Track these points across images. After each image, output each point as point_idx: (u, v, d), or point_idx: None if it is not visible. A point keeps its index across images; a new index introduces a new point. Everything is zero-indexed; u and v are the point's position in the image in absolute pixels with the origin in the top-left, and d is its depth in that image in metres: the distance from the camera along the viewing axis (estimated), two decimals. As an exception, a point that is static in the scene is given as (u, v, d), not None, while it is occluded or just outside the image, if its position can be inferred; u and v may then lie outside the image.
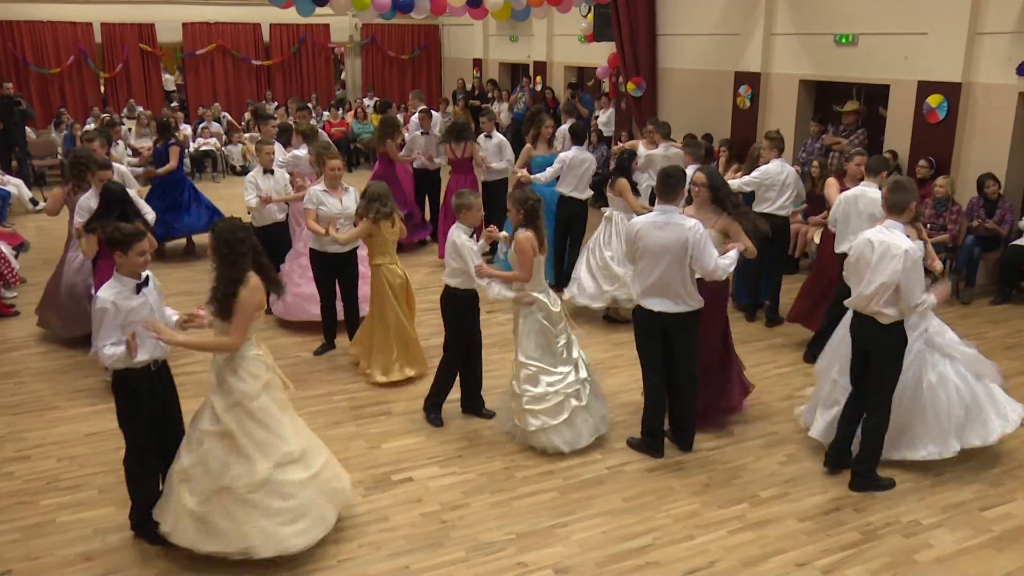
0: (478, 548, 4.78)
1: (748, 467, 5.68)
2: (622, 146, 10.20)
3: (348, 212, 7.11)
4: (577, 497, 5.30)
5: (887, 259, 4.93)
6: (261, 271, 4.59)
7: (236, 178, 16.50)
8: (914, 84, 9.84)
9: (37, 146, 15.64)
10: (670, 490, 5.39)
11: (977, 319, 8.60)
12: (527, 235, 5.74)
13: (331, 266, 7.24)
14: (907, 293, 4.91)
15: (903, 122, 10.05)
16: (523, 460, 5.74)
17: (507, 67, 19.49)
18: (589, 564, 4.64)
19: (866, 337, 5.17)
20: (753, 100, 12.13)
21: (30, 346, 7.83)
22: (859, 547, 4.79)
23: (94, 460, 5.69)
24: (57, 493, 5.32)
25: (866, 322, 5.14)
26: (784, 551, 4.75)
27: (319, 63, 20.44)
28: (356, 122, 17.97)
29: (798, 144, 11.49)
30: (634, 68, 13.78)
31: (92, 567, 4.59)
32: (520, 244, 5.73)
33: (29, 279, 9.56)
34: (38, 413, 6.47)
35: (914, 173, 9.56)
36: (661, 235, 5.36)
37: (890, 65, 10.18)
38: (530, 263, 5.73)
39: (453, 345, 6.16)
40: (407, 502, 5.24)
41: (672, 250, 5.32)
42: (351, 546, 4.78)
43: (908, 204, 5.08)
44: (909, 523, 5.02)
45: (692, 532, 4.93)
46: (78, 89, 17.97)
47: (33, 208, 13.43)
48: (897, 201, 5.07)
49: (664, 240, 5.34)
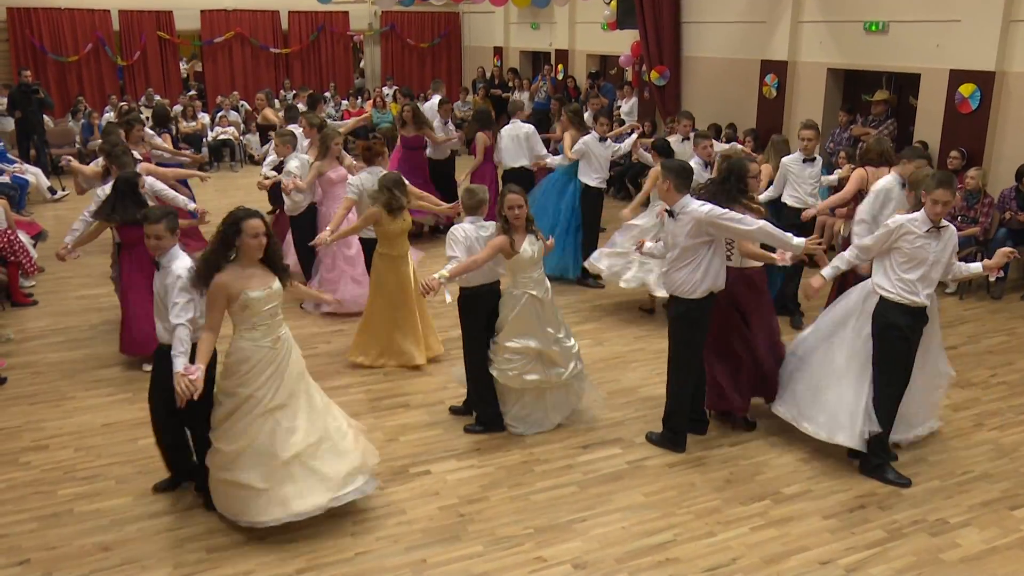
0: (496, 542, 4.80)
1: (771, 463, 5.66)
2: (639, 140, 10.02)
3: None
4: (596, 492, 5.30)
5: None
6: (265, 260, 4.72)
7: (254, 167, 16.57)
8: (946, 73, 9.73)
9: (55, 135, 15.80)
10: (691, 486, 5.38)
11: (1007, 314, 8.51)
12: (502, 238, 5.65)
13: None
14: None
15: (934, 112, 9.94)
16: (542, 454, 5.75)
17: (528, 55, 19.44)
18: (608, 560, 4.64)
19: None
20: (779, 89, 12.03)
21: (47, 336, 7.93)
22: (884, 546, 4.76)
23: (111, 450, 5.76)
24: (74, 483, 5.39)
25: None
26: (807, 549, 4.73)
27: (338, 51, 20.49)
28: (375, 111, 17.99)
29: (825, 135, 11.39)
30: (658, 56, 13.71)
31: (109, 557, 4.65)
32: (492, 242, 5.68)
33: (47, 268, 9.67)
34: (55, 403, 6.55)
35: (945, 164, 9.47)
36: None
37: (921, 53, 10.07)
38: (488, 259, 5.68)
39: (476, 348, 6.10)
40: (425, 495, 5.26)
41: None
42: (368, 539, 4.81)
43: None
44: (936, 522, 4.99)
45: (713, 528, 4.93)
46: (96, 77, 18.11)
47: (51, 197, 13.57)
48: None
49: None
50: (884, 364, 5.30)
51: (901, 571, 4.55)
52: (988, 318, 8.40)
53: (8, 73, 17.13)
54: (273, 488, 4.63)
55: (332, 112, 17.96)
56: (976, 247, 9.02)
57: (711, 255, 5.40)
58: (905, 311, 5.16)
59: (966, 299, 8.93)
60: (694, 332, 5.59)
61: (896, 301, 5.16)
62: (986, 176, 9.19)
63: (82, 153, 15.70)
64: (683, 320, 5.57)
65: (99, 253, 10.62)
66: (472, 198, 5.94)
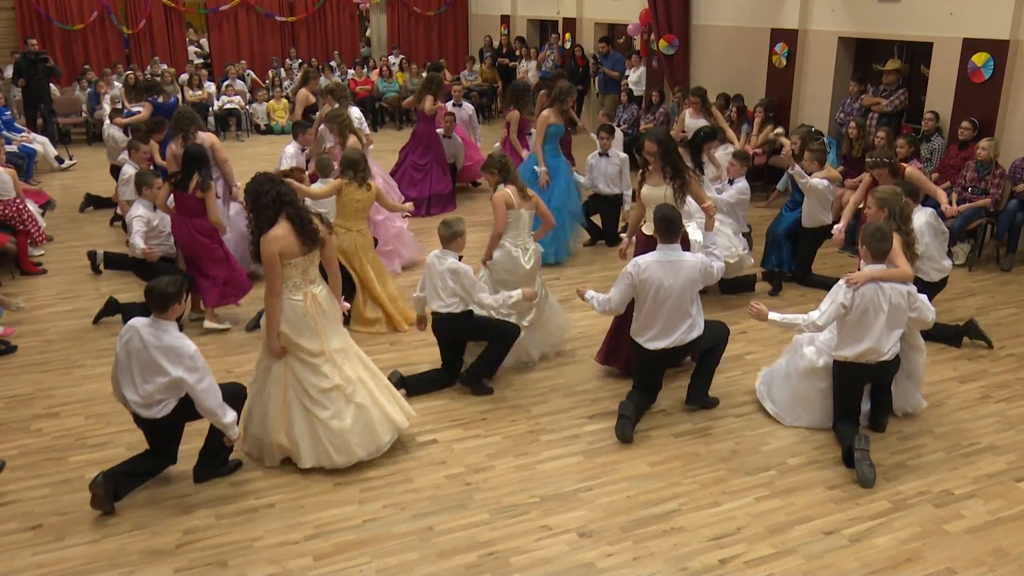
0: (502, 511, 4.84)
1: (775, 434, 5.68)
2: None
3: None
4: (602, 461, 5.34)
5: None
6: (292, 218, 4.96)
7: (260, 137, 16.56)
8: (959, 42, 9.61)
9: (61, 104, 15.76)
10: (696, 456, 5.41)
11: (1017, 286, 8.47)
12: (503, 192, 6.38)
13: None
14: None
15: (946, 82, 9.83)
16: (548, 424, 5.78)
17: (535, 24, 19.27)
18: (614, 528, 4.68)
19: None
20: (789, 58, 11.91)
21: (56, 304, 7.97)
22: (888, 516, 4.78)
23: (120, 418, 5.78)
24: (85, 450, 5.45)
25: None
26: (811, 519, 4.76)
27: (344, 19, 20.35)
28: (381, 80, 17.91)
29: (835, 104, 11.30)
30: (666, 25, 13.57)
31: (120, 522, 4.71)
32: (495, 201, 6.41)
33: (56, 237, 9.70)
34: (64, 371, 6.61)
35: (956, 135, 9.39)
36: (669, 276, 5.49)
37: (934, 22, 9.94)
38: (503, 216, 6.33)
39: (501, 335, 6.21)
40: (431, 464, 5.31)
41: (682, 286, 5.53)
42: (375, 506, 4.86)
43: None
44: (940, 493, 5.01)
45: (718, 498, 4.96)
46: (101, 46, 18.04)
47: (58, 166, 13.58)
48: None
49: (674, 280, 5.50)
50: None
51: (905, 541, 4.57)
52: (997, 290, 8.37)
53: (14, 41, 17.07)
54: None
55: (339, 81, 17.88)
56: (987, 218, 8.97)
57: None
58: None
59: (975, 271, 8.89)
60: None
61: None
62: (998, 147, 9.09)
63: (88, 122, 15.71)
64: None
65: (103, 222, 10.67)
66: (448, 230, 6.00)
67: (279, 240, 4.91)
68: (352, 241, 7.18)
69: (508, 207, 6.38)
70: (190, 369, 4.60)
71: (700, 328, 5.64)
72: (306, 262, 5.06)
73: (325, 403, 5.05)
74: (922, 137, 9.72)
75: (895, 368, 5.44)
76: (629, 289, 5.57)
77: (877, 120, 10.29)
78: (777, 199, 10.37)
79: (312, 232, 5.00)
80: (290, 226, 4.94)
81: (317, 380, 5.05)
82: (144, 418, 4.76)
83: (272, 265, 4.91)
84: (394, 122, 17.64)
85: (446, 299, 5.98)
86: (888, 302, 5.18)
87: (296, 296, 5.04)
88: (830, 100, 11.38)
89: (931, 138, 9.72)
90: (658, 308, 5.50)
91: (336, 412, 5.06)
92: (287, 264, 4.97)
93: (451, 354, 6.27)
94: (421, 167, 10.87)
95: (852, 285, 5.20)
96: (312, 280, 5.13)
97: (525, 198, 6.46)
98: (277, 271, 4.92)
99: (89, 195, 11.31)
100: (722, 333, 5.91)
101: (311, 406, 5.05)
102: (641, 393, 5.79)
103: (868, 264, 5.29)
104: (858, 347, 5.23)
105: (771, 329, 7.25)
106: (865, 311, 5.18)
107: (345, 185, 7.14)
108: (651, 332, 5.57)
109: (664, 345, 5.57)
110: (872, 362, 5.27)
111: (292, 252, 4.95)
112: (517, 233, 6.45)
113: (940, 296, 7.00)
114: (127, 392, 4.72)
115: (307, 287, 5.08)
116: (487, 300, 5.97)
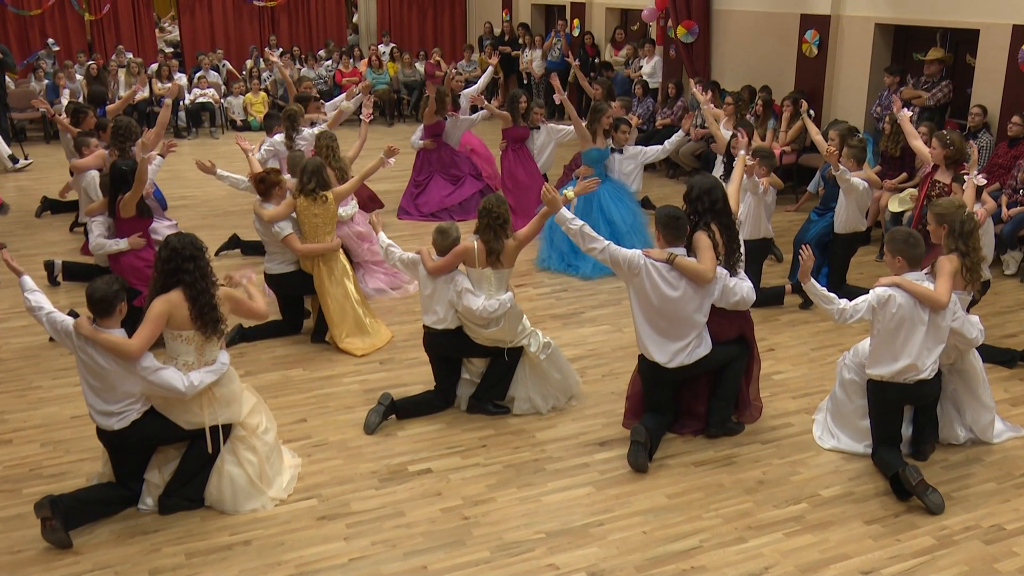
0: (504, 548, 4.83)
1: (807, 462, 5.67)
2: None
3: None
4: (615, 493, 5.33)
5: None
6: (188, 298, 4.85)
7: (237, 133, 16.55)
8: (1008, 28, 9.65)
9: (16, 97, 15.77)
10: (719, 487, 5.41)
11: (1074, 298, 8.48)
12: (468, 246, 5.97)
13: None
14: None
15: (994, 72, 9.87)
16: (555, 451, 5.78)
17: (540, 8, 19.34)
18: (628, 567, 4.67)
19: None
20: (821, 47, 11.95)
21: (10, 319, 7.97)
22: (932, 554, 4.78)
23: (80, 445, 5.80)
24: (41, 481, 5.44)
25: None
26: (848, 557, 4.76)
27: (329, 4, 20.41)
28: (370, 71, 17.96)
29: (872, 98, 11.33)
30: (685, 10, 13.64)
31: (79, 562, 4.70)
32: (454, 248, 5.99)
33: (9, 245, 9.72)
34: (19, 393, 6.61)
35: (1005, 130, 9.41)
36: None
37: (981, 6, 9.99)
38: (449, 265, 5.98)
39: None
40: (425, 496, 5.30)
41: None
42: (363, 543, 4.86)
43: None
44: (991, 528, 5.00)
45: (743, 534, 4.95)
46: (61, 33, 18.08)
47: (12, 166, 13.61)
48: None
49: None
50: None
51: (951, 582, 4.57)
52: (1051, 302, 8.38)
53: (-38, 29, 17.16)
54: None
55: (323, 73, 17.96)
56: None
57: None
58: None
59: (1028, 282, 8.90)
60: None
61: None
62: (1052, 144, 9.13)
63: (45, 118, 15.74)
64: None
65: (62, 227, 10.69)
66: (445, 239, 6.02)
67: (171, 304, 4.82)
68: (321, 277, 7.18)
69: (465, 262, 6.03)
70: (143, 369, 4.75)
71: (708, 345, 5.65)
72: (204, 343, 4.94)
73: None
74: (968, 133, 9.75)
75: (937, 389, 5.44)
76: (620, 258, 5.53)
77: (918, 115, 10.32)
78: (807, 202, 10.39)
79: (212, 321, 4.88)
80: (184, 302, 4.83)
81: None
82: (105, 430, 4.85)
83: (155, 326, 4.78)
84: (385, 117, 17.68)
85: (442, 312, 5.99)
86: (928, 312, 5.19)
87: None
88: (866, 93, 11.41)
89: (978, 135, 9.75)
90: (656, 315, 5.53)
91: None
92: (176, 336, 4.89)
93: (445, 372, 6.27)
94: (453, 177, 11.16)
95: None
96: (210, 364, 4.99)
97: (496, 264, 5.98)
98: (154, 334, 4.79)
99: (46, 198, 11.33)
100: (736, 348, 5.90)
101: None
102: (654, 415, 5.78)
103: (900, 274, 5.31)
104: (895, 364, 5.23)
105: (802, 347, 7.28)
106: (902, 321, 5.18)
107: (299, 202, 7.08)
108: (652, 341, 5.59)
109: (666, 359, 5.57)
110: (911, 381, 5.27)
111: (183, 324, 4.85)
112: (484, 291, 6.05)
113: (988, 311, 7.00)
114: (88, 398, 4.84)
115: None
116: (474, 306, 5.91)
